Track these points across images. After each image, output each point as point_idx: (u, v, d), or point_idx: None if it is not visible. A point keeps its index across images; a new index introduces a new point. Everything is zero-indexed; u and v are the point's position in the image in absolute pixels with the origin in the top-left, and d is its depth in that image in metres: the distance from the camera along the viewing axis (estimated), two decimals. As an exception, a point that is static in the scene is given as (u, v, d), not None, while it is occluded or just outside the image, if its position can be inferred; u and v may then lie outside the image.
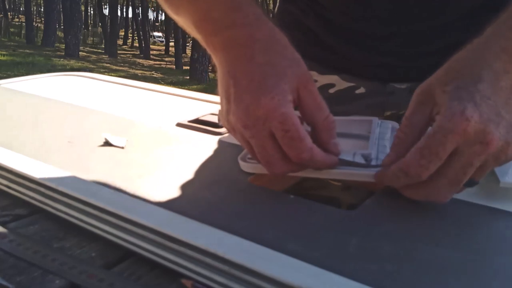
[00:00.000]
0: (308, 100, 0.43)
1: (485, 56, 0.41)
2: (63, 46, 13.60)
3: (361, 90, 0.73)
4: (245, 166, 0.49)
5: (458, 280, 0.32)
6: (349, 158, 0.45)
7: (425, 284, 0.31)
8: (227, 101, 0.43)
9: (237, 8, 0.45)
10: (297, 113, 0.43)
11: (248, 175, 0.47)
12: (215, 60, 0.46)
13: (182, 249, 0.35)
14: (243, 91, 0.42)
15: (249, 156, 0.49)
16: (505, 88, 0.40)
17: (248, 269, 0.32)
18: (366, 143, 0.49)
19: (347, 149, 0.46)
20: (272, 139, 0.41)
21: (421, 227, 0.39)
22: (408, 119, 0.43)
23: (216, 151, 0.55)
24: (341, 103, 0.74)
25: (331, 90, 0.74)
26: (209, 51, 0.47)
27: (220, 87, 0.45)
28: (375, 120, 0.55)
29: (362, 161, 0.45)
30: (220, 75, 0.45)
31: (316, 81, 0.75)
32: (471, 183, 0.40)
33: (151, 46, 22.66)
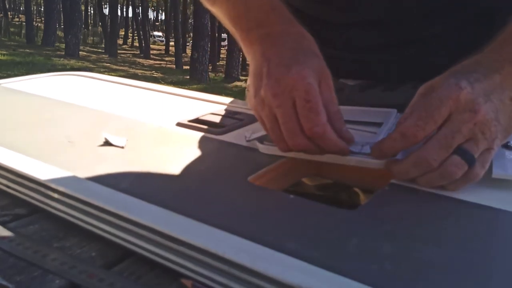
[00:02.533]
0: (325, 93, 0.47)
1: (479, 62, 0.46)
2: (63, 45, 13.60)
3: None
4: (264, 148, 0.52)
5: (458, 280, 0.32)
6: (357, 149, 0.47)
7: (425, 284, 0.31)
8: (259, 79, 0.48)
9: (272, 9, 0.51)
10: None
11: (248, 174, 0.47)
12: (249, 52, 0.52)
13: (182, 249, 0.35)
14: (275, 66, 0.46)
15: (267, 139, 0.52)
16: (496, 80, 0.44)
17: (248, 269, 0.32)
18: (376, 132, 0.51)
19: (358, 137, 0.49)
20: (295, 110, 0.45)
21: (421, 227, 0.39)
22: (410, 107, 0.46)
23: (216, 151, 0.55)
24: None
25: None
26: (243, 44, 0.53)
27: (252, 73, 0.50)
28: (393, 112, 0.58)
29: (368, 151, 0.47)
30: (253, 64, 0.50)
31: None
32: (467, 155, 0.42)
33: (151, 45, 22.66)
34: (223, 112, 0.69)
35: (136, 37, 26.75)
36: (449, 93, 0.42)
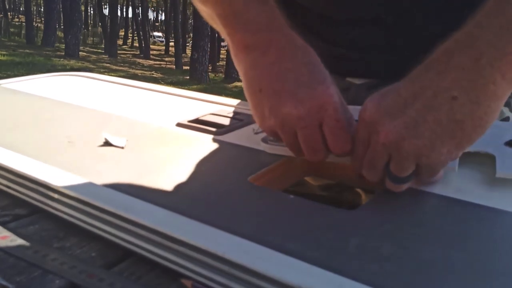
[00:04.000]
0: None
1: (429, 60, 0.42)
2: (63, 46, 13.60)
3: None
4: (268, 148, 0.52)
5: (458, 280, 0.32)
6: None
7: (425, 284, 0.31)
8: (271, 97, 0.45)
9: (274, 15, 0.48)
10: None
11: (248, 175, 0.47)
12: (244, 60, 0.48)
13: (182, 249, 0.35)
14: (295, 85, 0.44)
15: (271, 138, 0.51)
16: (424, 87, 0.40)
17: (248, 269, 0.32)
18: None
19: None
20: (320, 129, 0.44)
21: (421, 227, 0.39)
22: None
23: (216, 151, 0.55)
24: None
25: None
26: (233, 46, 0.49)
27: (255, 85, 0.47)
28: None
29: None
30: (253, 74, 0.47)
31: None
32: (392, 176, 0.42)
33: (151, 46, 22.66)
34: (223, 113, 0.69)
35: (136, 38, 26.76)
36: (360, 114, 0.43)
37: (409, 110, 0.39)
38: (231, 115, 0.68)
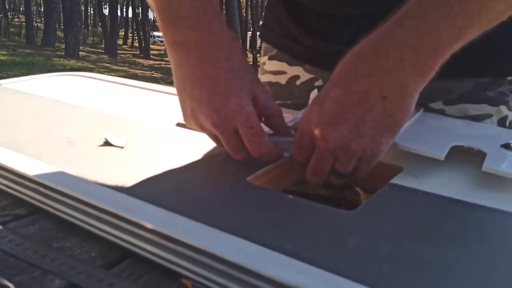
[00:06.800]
0: (261, 96, 0.49)
1: (355, 59, 0.45)
2: (63, 46, 13.59)
3: (320, 82, 0.73)
4: None
5: (458, 280, 0.32)
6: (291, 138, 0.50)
7: (423, 284, 0.31)
8: (192, 101, 0.47)
9: (205, 12, 0.48)
10: None
11: (248, 175, 0.47)
12: (172, 55, 0.49)
13: (181, 249, 0.35)
14: (213, 93, 0.46)
15: None
16: (359, 91, 0.43)
17: (246, 269, 0.32)
18: None
19: None
20: (236, 134, 0.47)
21: (421, 227, 0.39)
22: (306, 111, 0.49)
23: (216, 151, 0.55)
24: (303, 95, 0.74)
25: (297, 82, 0.75)
26: (165, 41, 0.49)
27: (180, 85, 0.49)
28: None
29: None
30: (179, 73, 0.48)
31: (285, 72, 0.76)
32: (337, 173, 0.47)
33: (151, 46, 22.65)
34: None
35: (136, 38, 26.76)
36: (301, 126, 0.47)
37: (350, 116, 0.43)
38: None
